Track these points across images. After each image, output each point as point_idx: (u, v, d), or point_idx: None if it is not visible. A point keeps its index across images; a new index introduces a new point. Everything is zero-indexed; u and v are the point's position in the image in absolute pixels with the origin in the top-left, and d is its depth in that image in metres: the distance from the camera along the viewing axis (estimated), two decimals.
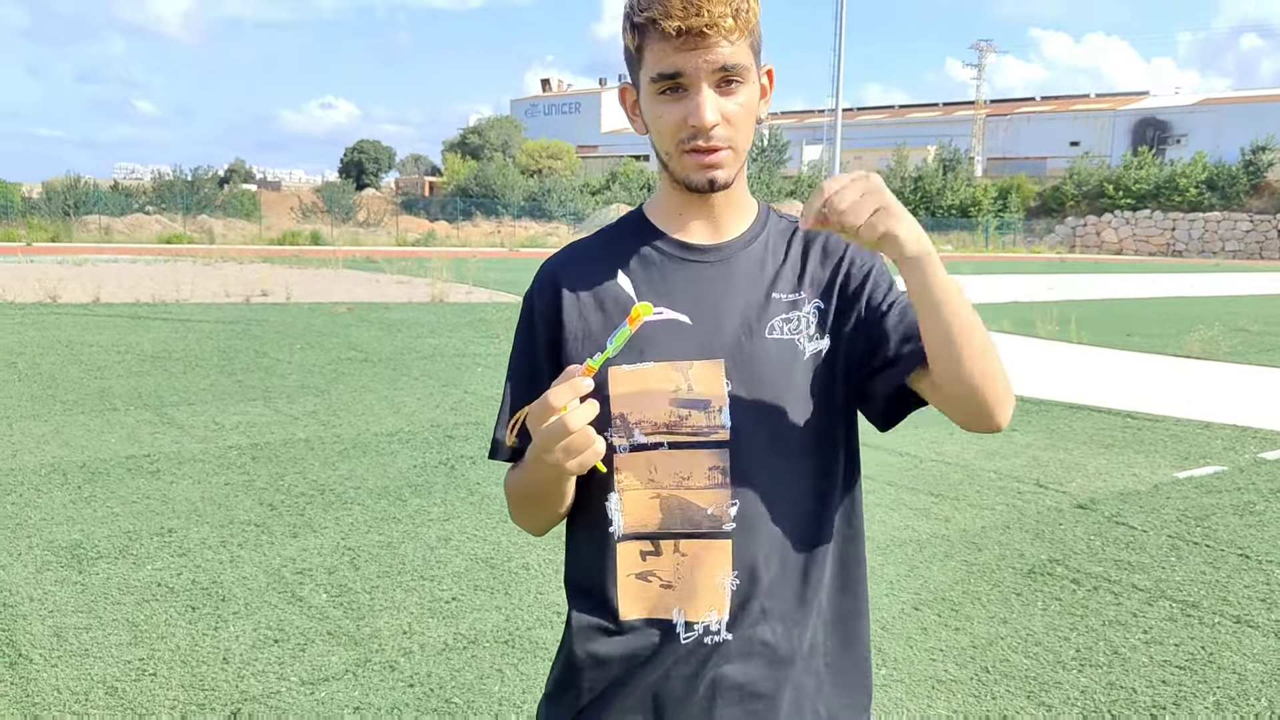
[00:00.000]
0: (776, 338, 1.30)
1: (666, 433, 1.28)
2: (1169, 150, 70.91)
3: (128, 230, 41.29)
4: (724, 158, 1.25)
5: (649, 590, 1.29)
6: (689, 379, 1.28)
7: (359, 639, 3.56)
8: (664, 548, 1.29)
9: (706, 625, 1.28)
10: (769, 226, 1.38)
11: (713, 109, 1.22)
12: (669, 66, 1.21)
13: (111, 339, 11.00)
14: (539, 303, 1.37)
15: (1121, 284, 29.10)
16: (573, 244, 1.42)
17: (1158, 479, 6.12)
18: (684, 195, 1.33)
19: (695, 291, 1.31)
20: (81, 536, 4.53)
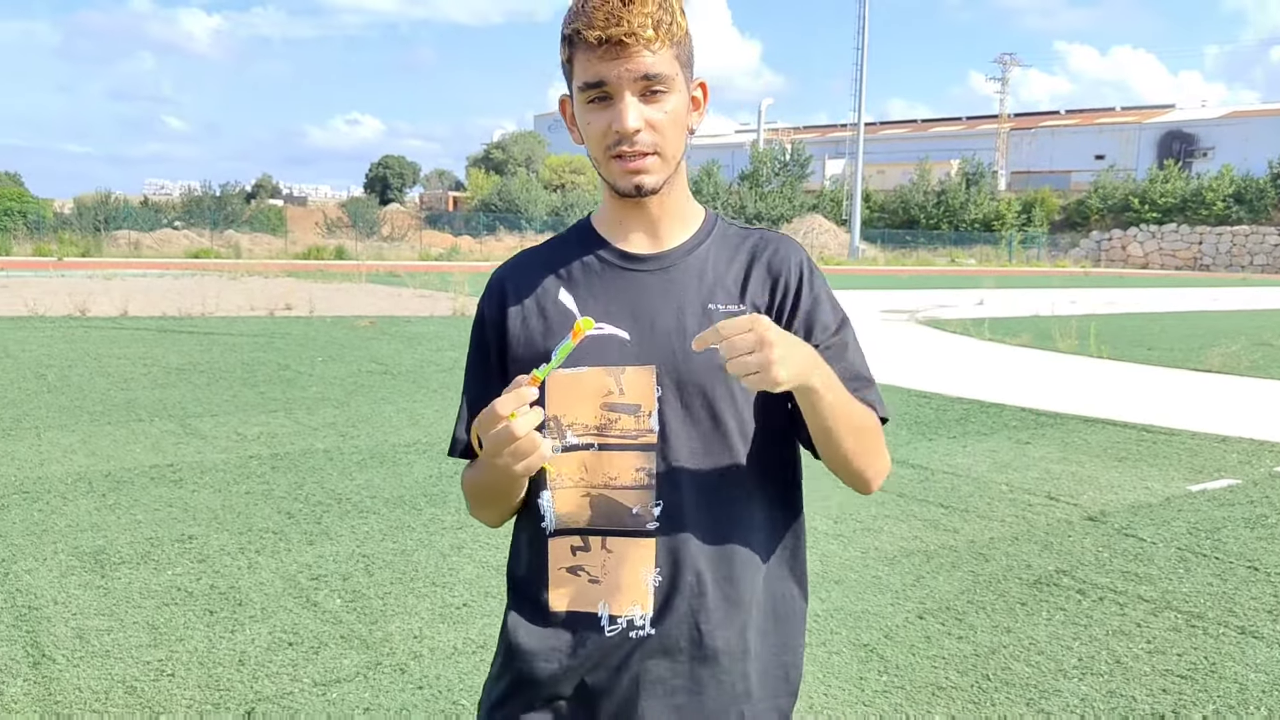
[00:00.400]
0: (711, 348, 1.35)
1: (596, 434, 1.33)
2: (1195, 163, 70.42)
3: (156, 245, 41.86)
4: (650, 163, 1.30)
5: (578, 584, 1.34)
6: (621, 384, 1.32)
7: (371, 643, 3.65)
8: (592, 544, 1.34)
9: (630, 620, 1.32)
10: (713, 236, 1.42)
11: (635, 116, 1.26)
12: (593, 75, 1.26)
13: (138, 352, 11.20)
14: (488, 310, 1.43)
15: (1145, 298, 28.91)
16: (522, 252, 1.48)
17: (1170, 492, 6.13)
18: (622, 203, 1.37)
19: (632, 300, 1.35)
20: (105, 543, 4.65)
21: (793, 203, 65.24)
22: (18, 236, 40.58)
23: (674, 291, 1.36)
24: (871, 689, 3.40)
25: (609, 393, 1.33)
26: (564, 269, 1.40)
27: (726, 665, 1.35)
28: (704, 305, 1.35)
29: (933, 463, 6.71)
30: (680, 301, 1.35)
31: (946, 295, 27.34)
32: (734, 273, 1.38)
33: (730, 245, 1.41)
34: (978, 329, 16.09)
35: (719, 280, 1.37)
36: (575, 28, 1.26)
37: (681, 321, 1.34)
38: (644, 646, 1.33)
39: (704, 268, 1.38)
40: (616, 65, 1.25)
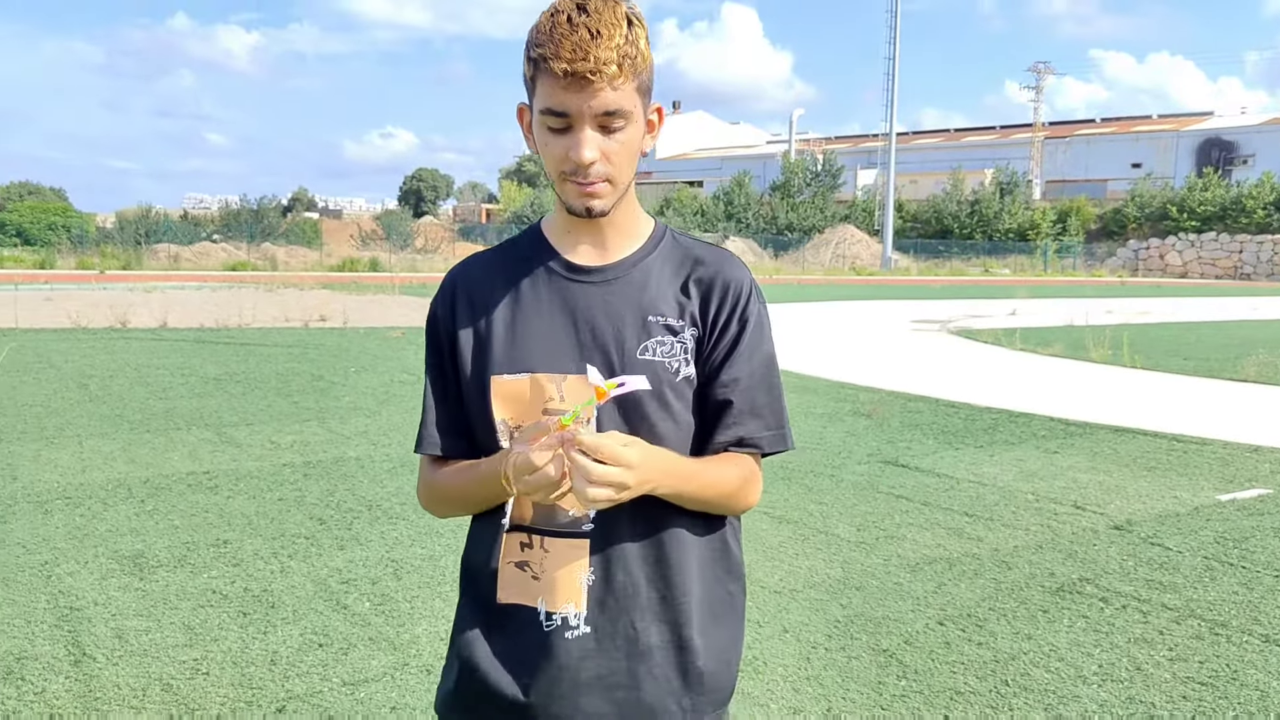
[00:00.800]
0: (648, 358, 1.39)
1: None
2: (1235, 171, 69.41)
3: (195, 258, 42.55)
4: (601, 189, 1.36)
5: (523, 579, 1.41)
6: (561, 390, 1.38)
7: (398, 644, 3.74)
8: (535, 542, 1.41)
9: (565, 618, 1.39)
10: (660, 250, 1.47)
11: (592, 148, 1.32)
12: (556, 104, 1.31)
13: (177, 362, 11.43)
14: (440, 310, 1.49)
15: (1183, 308, 28.56)
16: (474, 255, 1.54)
17: (1199, 501, 6.09)
18: (575, 217, 1.43)
19: (576, 310, 1.41)
20: (143, 547, 4.78)
21: (824, 213, 65.06)
22: (62, 250, 41.46)
23: (615, 304, 1.41)
24: (890, 693, 3.43)
25: (550, 399, 1.38)
26: (513, 275, 1.46)
27: (661, 660, 1.41)
28: (644, 318, 1.41)
29: (958, 472, 6.72)
30: (621, 314, 1.41)
31: (979, 305, 27.17)
32: (675, 288, 1.43)
33: (675, 260, 1.46)
34: (1009, 339, 16.00)
35: (660, 295, 1.43)
36: (542, 54, 1.29)
37: (621, 332, 1.40)
38: (580, 644, 1.39)
39: (647, 281, 1.43)
40: (579, 99, 1.29)
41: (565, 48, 1.27)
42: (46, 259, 37.75)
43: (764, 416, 1.45)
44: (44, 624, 3.84)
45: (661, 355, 1.40)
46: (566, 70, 1.27)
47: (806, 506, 5.78)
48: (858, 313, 24.25)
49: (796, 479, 6.40)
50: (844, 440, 7.76)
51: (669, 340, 1.41)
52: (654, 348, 1.40)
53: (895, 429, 8.30)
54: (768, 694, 3.41)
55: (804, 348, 15.04)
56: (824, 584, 4.51)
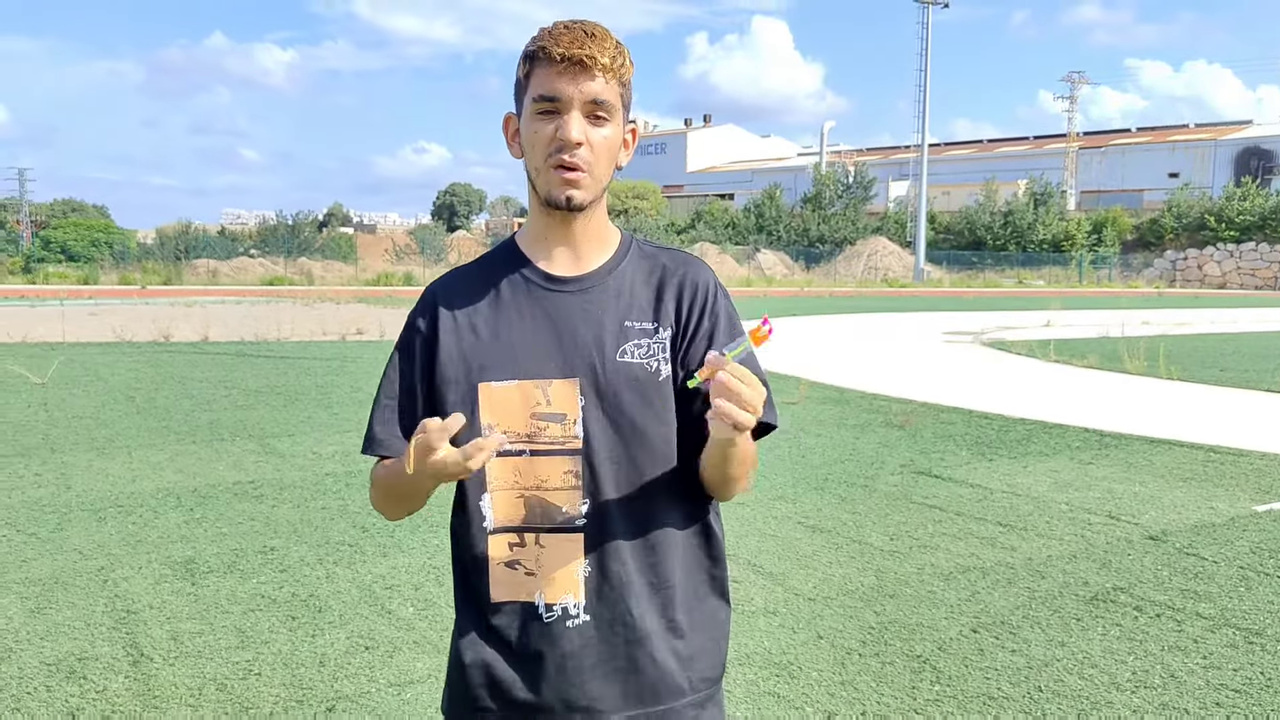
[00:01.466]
0: (628, 360, 1.48)
1: (528, 441, 1.46)
2: (1275, 180, 68.47)
3: (233, 273, 43.21)
4: (582, 178, 1.44)
5: (515, 577, 1.47)
6: (548, 395, 1.46)
7: (442, 648, 3.84)
8: (527, 539, 1.47)
9: (565, 608, 1.46)
10: (629, 257, 1.56)
11: (579, 129, 1.42)
12: (549, 89, 1.41)
13: (219, 375, 11.67)
14: (421, 322, 1.54)
15: (1221, 319, 28.23)
16: (454, 269, 1.60)
17: (1235, 512, 6.08)
18: (548, 219, 1.51)
19: (556, 319, 1.50)
20: (194, 553, 4.94)
21: (856, 225, 64.93)
22: (104, 266, 42.26)
23: (594, 311, 1.50)
24: (924, 698, 3.49)
25: (537, 404, 1.46)
26: (493, 288, 1.53)
27: (658, 644, 1.49)
28: (621, 323, 1.49)
29: (992, 482, 6.74)
30: (600, 319, 1.49)
31: (1013, 317, 27.02)
32: (648, 293, 1.53)
33: (644, 267, 1.55)
34: (1043, 350, 15.93)
35: (634, 300, 1.52)
36: (541, 45, 1.42)
37: (600, 338, 1.48)
38: (581, 632, 1.46)
39: (621, 288, 1.52)
40: (572, 84, 1.40)
41: (563, 39, 1.40)
42: (90, 275, 38.51)
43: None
44: (102, 626, 3.99)
45: (640, 357, 1.48)
46: (564, 55, 1.39)
47: (839, 516, 5.84)
48: (890, 325, 24.20)
49: (829, 489, 6.46)
50: (877, 451, 7.80)
51: (645, 342, 1.49)
52: (632, 350, 1.48)
53: (928, 440, 8.33)
54: (803, 698, 3.48)
55: (836, 360, 15.06)
56: (857, 591, 4.57)
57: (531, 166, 1.47)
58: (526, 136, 1.46)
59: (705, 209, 72.85)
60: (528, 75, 1.45)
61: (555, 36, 1.41)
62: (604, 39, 1.42)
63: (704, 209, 72.97)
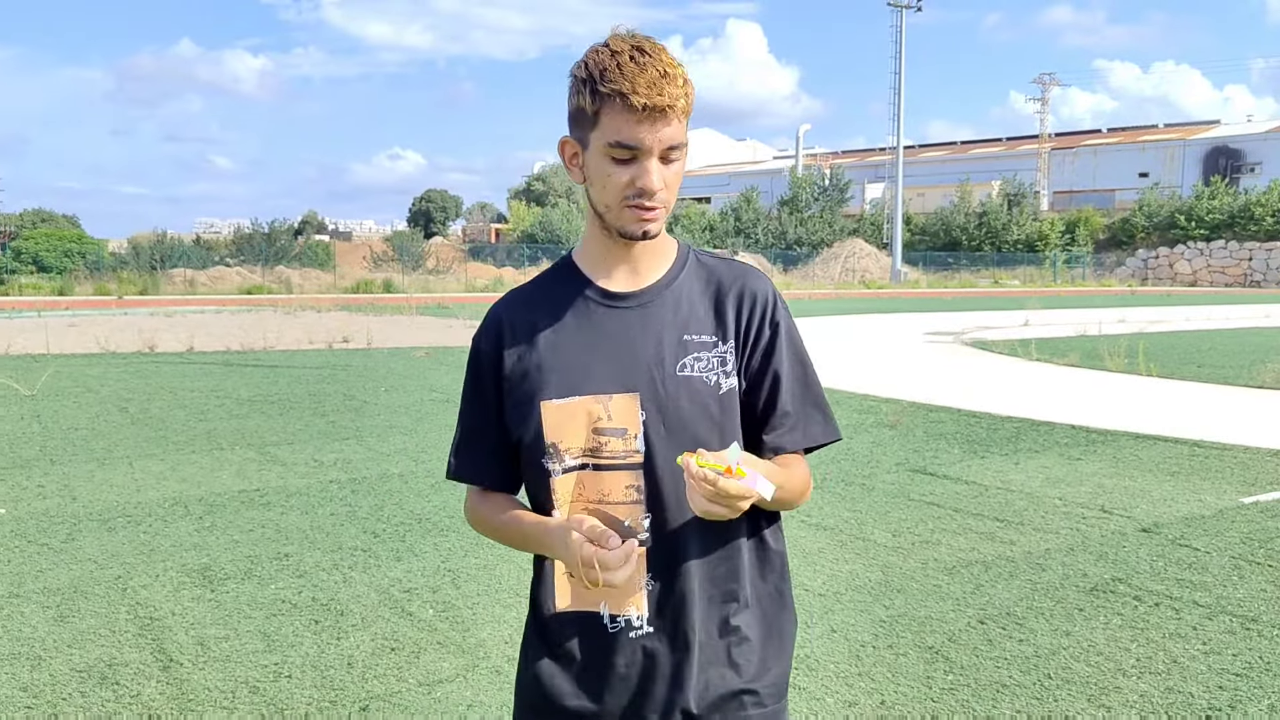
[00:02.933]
0: (688, 374, 1.49)
1: (590, 456, 1.48)
2: (1243, 179, 69.48)
3: (210, 282, 42.93)
4: (659, 214, 1.47)
5: (578, 587, 1.49)
6: (609, 410, 1.48)
7: (466, 648, 3.92)
8: None
9: (629, 619, 1.49)
10: (687, 269, 1.57)
11: (658, 177, 1.43)
12: (630, 138, 1.40)
13: (209, 385, 11.66)
14: (485, 345, 1.57)
15: (1195, 316, 28.65)
16: (514, 290, 1.62)
17: (1223, 504, 6.25)
18: (611, 242, 1.53)
19: (617, 334, 1.51)
20: (209, 560, 4.99)
21: (833, 227, 65.31)
22: (78, 277, 41.86)
23: (653, 325, 1.51)
24: (939, 686, 3.61)
25: (599, 419, 1.47)
26: (553, 306, 1.55)
27: (722, 656, 1.52)
28: (680, 337, 1.51)
29: (985, 479, 6.88)
30: (659, 334, 1.51)
31: (991, 317, 27.31)
32: (706, 305, 1.54)
33: (702, 278, 1.57)
34: (1025, 349, 16.15)
35: (693, 312, 1.53)
36: (617, 89, 1.38)
37: (660, 352, 1.50)
38: (645, 643, 1.49)
39: (679, 300, 1.53)
40: (652, 131, 1.40)
41: (641, 84, 1.37)
42: (64, 286, 38.15)
43: (814, 415, 1.59)
44: (127, 633, 4.04)
45: (699, 370, 1.50)
46: (645, 104, 1.37)
47: (841, 514, 5.96)
48: (870, 326, 24.41)
49: (829, 487, 6.58)
50: (871, 450, 7.93)
51: (705, 355, 1.51)
52: (691, 364, 1.50)
53: (920, 439, 8.47)
54: (823, 689, 3.58)
55: (822, 361, 15.16)
56: (865, 587, 4.68)
57: (601, 203, 1.48)
58: (597, 176, 1.46)
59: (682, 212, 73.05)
60: (597, 112, 1.42)
61: (631, 79, 1.37)
62: (675, 74, 1.40)
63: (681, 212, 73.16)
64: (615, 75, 1.38)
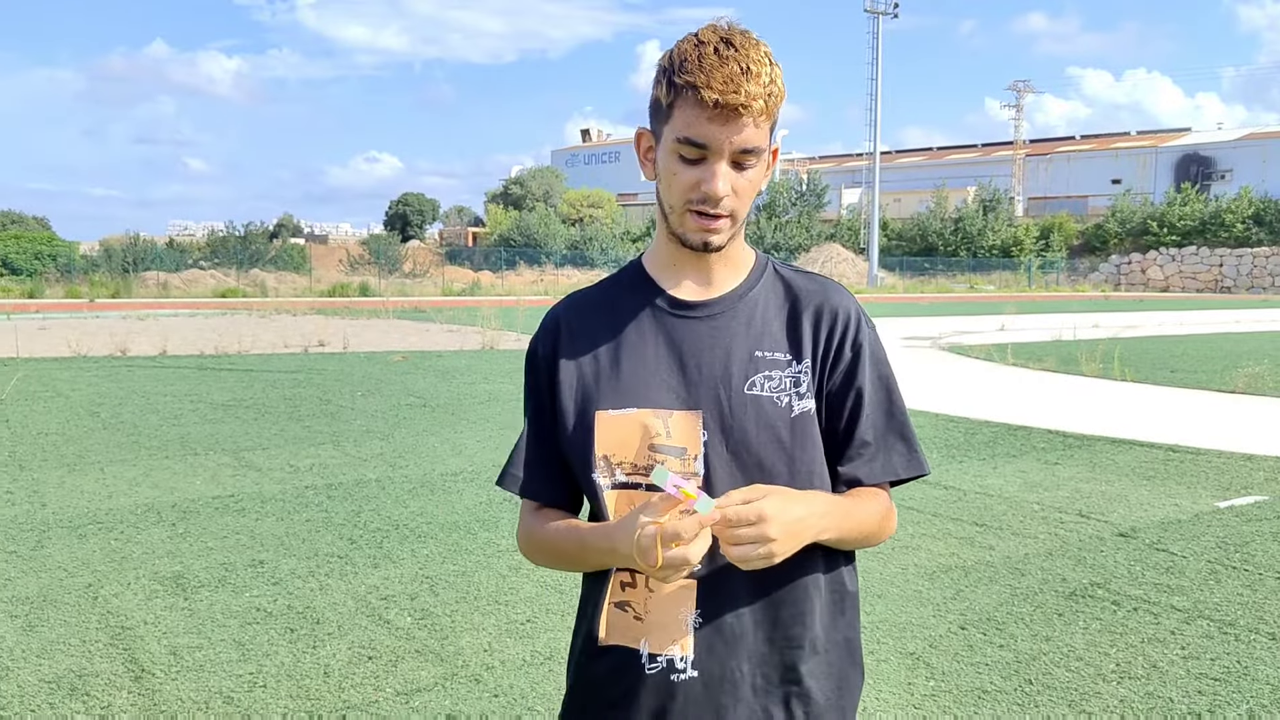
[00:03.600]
0: (756, 394, 1.37)
1: (644, 475, 1.35)
2: (1214, 186, 70.34)
3: (184, 285, 42.55)
4: (723, 225, 1.35)
5: (625, 619, 1.38)
6: (668, 426, 1.36)
7: (444, 656, 3.88)
8: (639, 581, 1.38)
9: (671, 659, 1.35)
10: (763, 282, 1.45)
11: (725, 182, 1.31)
12: (698, 135, 1.29)
13: (183, 389, 11.53)
14: (542, 348, 1.47)
15: (1167, 321, 28.94)
16: (577, 292, 1.52)
17: (1199, 508, 6.29)
18: (679, 250, 1.41)
19: (683, 346, 1.40)
20: (182, 568, 4.91)
21: (810, 232, 65.54)
22: (49, 279, 41.38)
23: (722, 339, 1.39)
24: (920, 693, 3.60)
25: (656, 435, 1.35)
26: (617, 311, 1.45)
27: (770, 706, 1.38)
28: (751, 353, 1.39)
29: (964, 484, 6.90)
30: (728, 349, 1.39)
31: (967, 322, 27.48)
32: (781, 320, 1.42)
33: (779, 291, 1.44)
34: (1001, 354, 16.25)
35: (766, 328, 1.41)
36: (691, 81, 1.27)
37: (728, 369, 1.37)
38: (687, 688, 1.35)
39: (753, 314, 1.41)
40: (724, 131, 1.28)
41: (717, 78, 1.26)
42: (35, 288, 37.70)
43: (897, 445, 1.45)
44: (98, 643, 3.97)
45: (770, 390, 1.38)
46: (717, 101, 1.26)
47: None
48: None
49: None
50: None
51: (777, 374, 1.38)
52: (762, 383, 1.38)
53: None
54: None
55: None
56: None
57: (667, 203, 1.38)
58: (665, 173, 1.35)
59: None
60: (671, 105, 1.31)
61: (708, 71, 1.27)
62: (759, 73, 1.28)
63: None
64: (693, 66, 1.27)
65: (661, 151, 1.35)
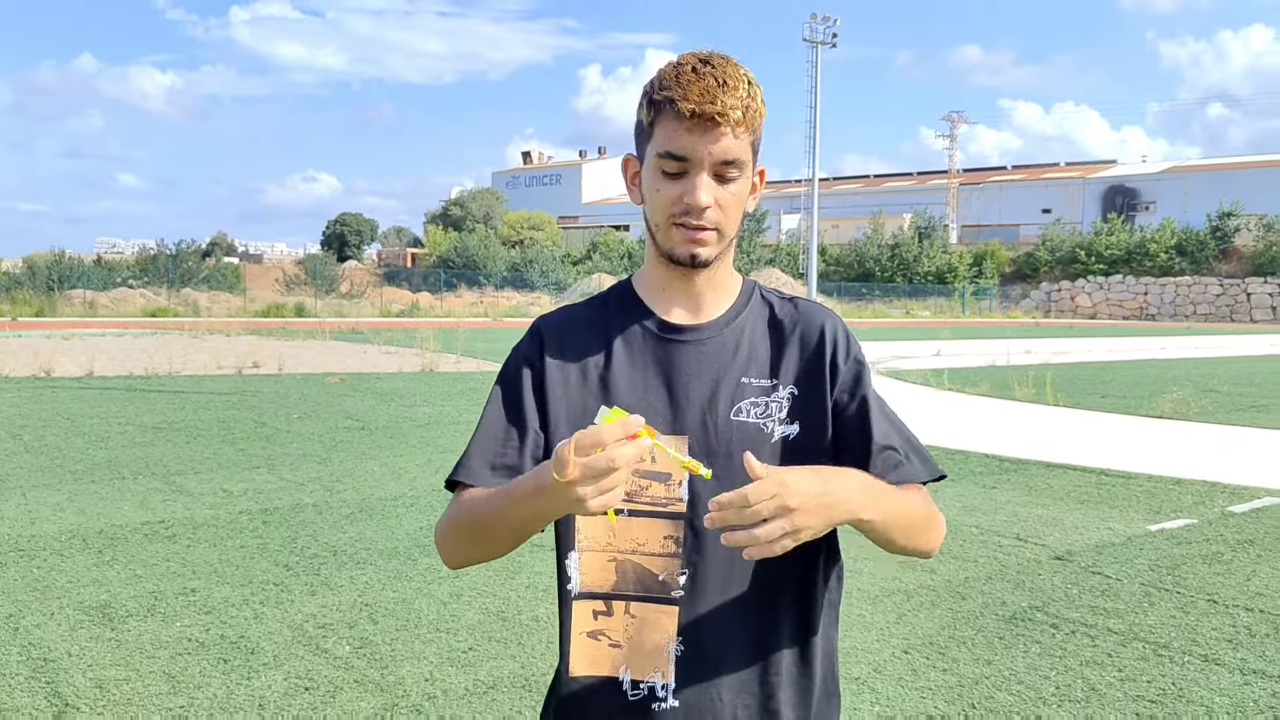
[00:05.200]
0: (742, 420, 1.36)
1: (627, 500, 1.32)
2: (1138, 216, 72.66)
3: (112, 304, 41.49)
4: (709, 237, 1.34)
5: (598, 649, 1.36)
6: (653, 451, 1.29)
7: (384, 686, 3.78)
8: (615, 608, 1.35)
9: (653, 687, 1.34)
10: (750, 307, 1.45)
11: (707, 193, 1.31)
12: (677, 147, 1.30)
13: (111, 411, 11.20)
14: (528, 354, 1.43)
15: (1096, 347, 29.70)
16: (565, 308, 1.50)
17: (1131, 531, 6.42)
18: (668, 270, 1.40)
19: (670, 370, 1.39)
20: (109, 597, 4.74)
21: (750, 257, 66.14)
22: None
23: (709, 364, 1.39)
24: (866, 718, 3.59)
25: (640, 459, 1.27)
26: (605, 331, 1.43)
27: None
28: (738, 379, 1.38)
29: None
30: (716, 374, 1.38)
31: (904, 347, 27.89)
32: (767, 345, 1.42)
33: (765, 317, 1.44)
34: (937, 379, 16.50)
35: (753, 353, 1.41)
36: (669, 95, 1.29)
37: (715, 395, 1.37)
38: (667, 716, 1.34)
39: (740, 340, 1.41)
40: (702, 142, 1.29)
41: (693, 91, 1.28)
42: None
43: (913, 455, 1.42)
44: (19, 676, 3.80)
45: (755, 416, 1.37)
46: (694, 111, 1.28)
47: None
48: None
49: None
50: None
51: (762, 400, 1.38)
52: (747, 409, 1.37)
53: None
54: None
55: None
56: None
57: (653, 221, 1.38)
58: (649, 191, 1.36)
59: (601, 240, 73.26)
60: (652, 123, 1.33)
61: (684, 85, 1.29)
62: (736, 86, 1.30)
63: (599, 240, 73.37)
64: (670, 82, 1.30)
65: (646, 171, 1.36)
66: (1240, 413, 13.18)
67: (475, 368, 17.53)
